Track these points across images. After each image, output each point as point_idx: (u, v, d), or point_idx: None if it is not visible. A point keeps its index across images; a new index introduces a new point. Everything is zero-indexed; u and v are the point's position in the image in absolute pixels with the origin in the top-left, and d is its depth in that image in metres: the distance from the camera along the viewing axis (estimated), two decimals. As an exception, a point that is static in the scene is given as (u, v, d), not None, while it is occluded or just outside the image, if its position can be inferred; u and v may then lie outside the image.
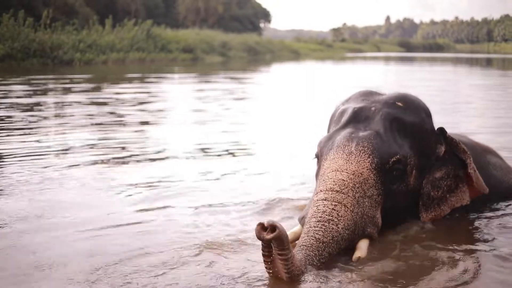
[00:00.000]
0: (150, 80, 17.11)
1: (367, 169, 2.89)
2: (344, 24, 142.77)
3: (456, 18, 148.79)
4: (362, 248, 2.82)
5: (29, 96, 11.26)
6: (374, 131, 3.00)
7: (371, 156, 2.90)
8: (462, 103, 11.04)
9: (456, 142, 3.20)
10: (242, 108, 9.95)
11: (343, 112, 3.22)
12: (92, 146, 6.09)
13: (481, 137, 4.97)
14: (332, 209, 2.77)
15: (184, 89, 14.54)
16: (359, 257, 2.77)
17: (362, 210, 2.83)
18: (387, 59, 45.74)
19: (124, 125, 7.73)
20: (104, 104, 10.02)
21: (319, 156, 3.13)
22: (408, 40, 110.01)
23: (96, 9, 35.96)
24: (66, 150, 5.94)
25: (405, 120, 3.08)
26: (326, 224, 2.73)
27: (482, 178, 3.29)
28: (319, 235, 2.70)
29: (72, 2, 33.89)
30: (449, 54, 69.49)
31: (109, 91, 12.81)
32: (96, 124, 7.73)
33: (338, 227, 2.74)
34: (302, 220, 2.96)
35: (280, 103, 11.24)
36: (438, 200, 3.17)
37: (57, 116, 8.59)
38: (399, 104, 3.14)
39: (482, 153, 3.69)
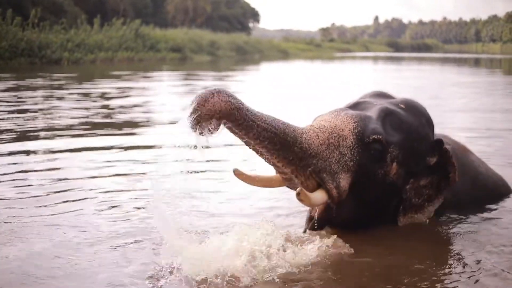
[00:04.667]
0: (137, 78, 17.09)
1: (349, 130, 2.92)
2: (333, 24, 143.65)
3: (444, 18, 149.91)
4: (317, 195, 2.82)
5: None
6: (364, 113, 3.06)
7: (355, 123, 2.95)
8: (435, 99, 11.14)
9: (449, 155, 3.17)
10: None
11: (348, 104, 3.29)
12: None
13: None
14: (304, 131, 2.83)
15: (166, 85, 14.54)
16: (302, 192, 2.74)
17: (328, 155, 2.85)
18: (376, 58, 45.93)
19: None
20: (75, 100, 10.03)
21: None
22: (396, 40, 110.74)
23: (84, 8, 35.82)
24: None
25: (401, 118, 3.09)
26: (289, 128, 2.75)
27: (472, 177, 3.53)
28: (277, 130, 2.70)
29: (60, 2, 33.75)
30: (437, 54, 69.81)
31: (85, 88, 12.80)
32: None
33: (300, 139, 2.78)
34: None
35: (269, 98, 11.28)
36: (416, 207, 3.18)
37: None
38: (402, 105, 3.18)
39: (465, 152, 3.71)
